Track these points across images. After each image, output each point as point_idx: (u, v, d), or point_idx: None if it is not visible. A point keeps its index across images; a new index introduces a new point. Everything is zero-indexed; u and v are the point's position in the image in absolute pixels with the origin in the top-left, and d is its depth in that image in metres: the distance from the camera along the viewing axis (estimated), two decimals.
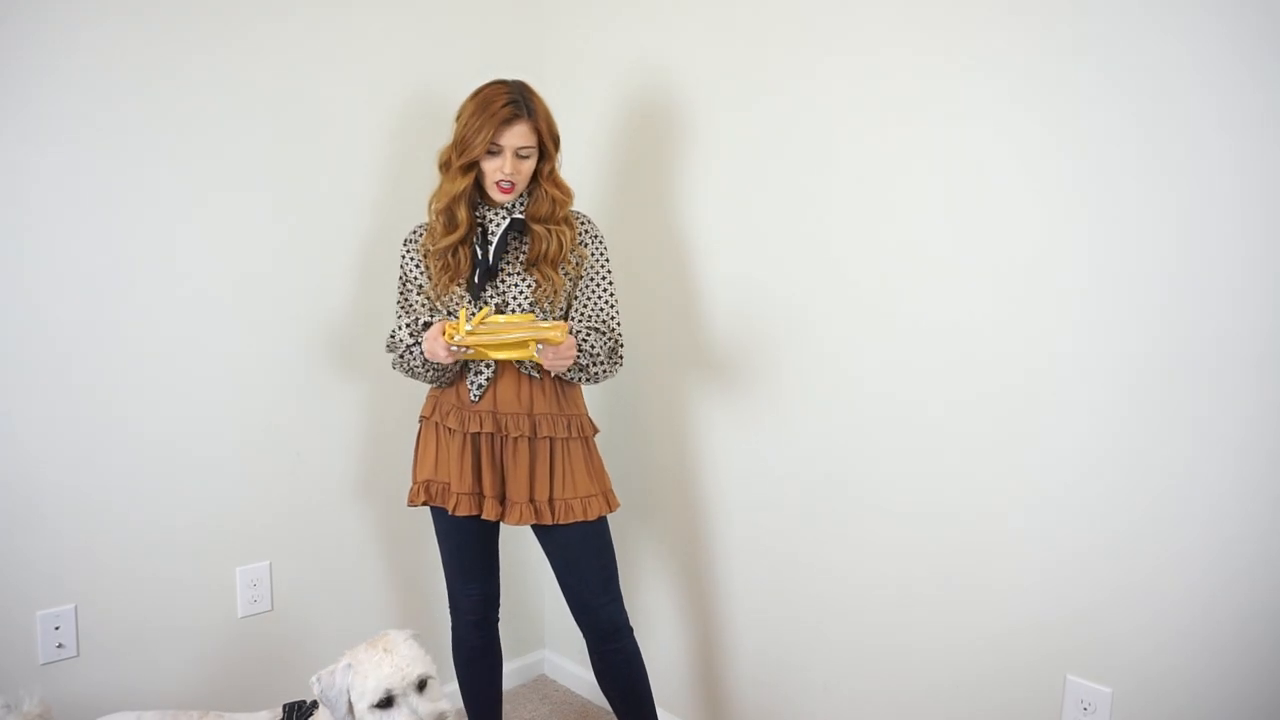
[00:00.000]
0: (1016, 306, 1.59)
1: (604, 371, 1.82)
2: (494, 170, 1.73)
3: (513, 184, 1.74)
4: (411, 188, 2.12)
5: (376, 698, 1.43)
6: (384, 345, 1.91)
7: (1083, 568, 1.56)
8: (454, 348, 1.62)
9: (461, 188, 1.74)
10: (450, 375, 1.83)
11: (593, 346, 1.78)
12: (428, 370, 1.81)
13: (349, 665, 1.46)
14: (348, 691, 1.45)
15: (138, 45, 1.83)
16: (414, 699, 1.45)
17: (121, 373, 1.88)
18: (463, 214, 1.76)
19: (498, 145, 1.71)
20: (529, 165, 1.76)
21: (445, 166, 1.78)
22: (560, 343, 1.63)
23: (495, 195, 1.76)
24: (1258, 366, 1.35)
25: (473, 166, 1.74)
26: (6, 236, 1.74)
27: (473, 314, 1.72)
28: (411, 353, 1.80)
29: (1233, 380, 1.38)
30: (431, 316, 1.83)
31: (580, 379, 1.82)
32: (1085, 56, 1.47)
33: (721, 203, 2.06)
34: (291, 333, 2.10)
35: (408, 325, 1.82)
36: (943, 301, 1.69)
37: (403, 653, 1.47)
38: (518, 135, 1.72)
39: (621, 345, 1.86)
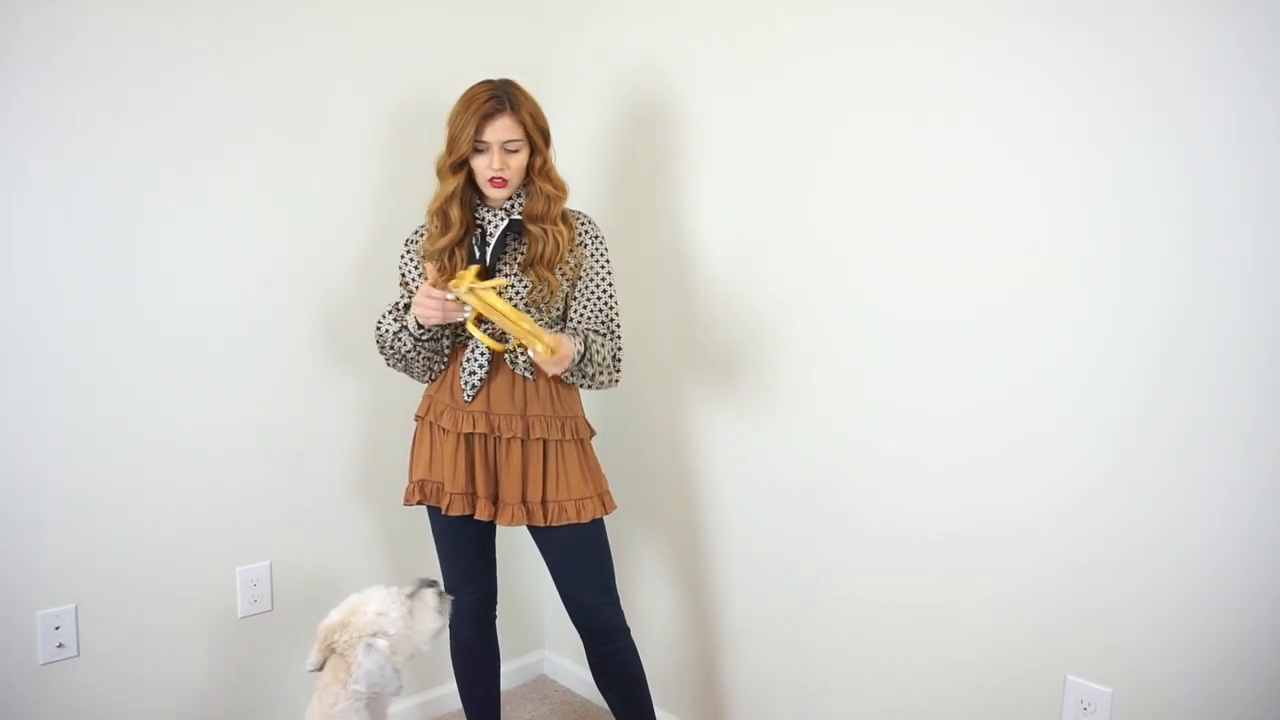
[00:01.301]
0: (1021, 310, 1.59)
1: (607, 379, 1.82)
2: (484, 167, 1.73)
3: (505, 180, 1.75)
4: (411, 187, 2.12)
5: (408, 590, 1.64)
6: (374, 340, 1.90)
7: (1083, 568, 1.55)
8: (450, 296, 1.65)
9: (453, 188, 1.75)
10: (440, 363, 1.82)
11: (598, 350, 1.78)
12: (418, 353, 1.79)
13: (369, 645, 1.53)
14: (388, 664, 1.53)
15: (136, 44, 1.83)
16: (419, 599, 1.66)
17: (121, 373, 1.88)
18: (456, 214, 1.76)
19: (483, 141, 1.72)
20: (519, 160, 1.76)
21: (440, 172, 1.79)
22: (544, 360, 1.65)
23: (489, 192, 1.76)
24: (1261, 370, 1.34)
25: (463, 165, 1.74)
26: (7, 237, 1.74)
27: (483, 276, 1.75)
28: (399, 338, 1.79)
29: (1234, 383, 1.37)
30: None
31: (580, 383, 1.81)
32: (1092, 51, 1.46)
33: (721, 203, 2.06)
34: (291, 332, 2.10)
35: (391, 313, 1.83)
36: (946, 303, 1.69)
37: (374, 592, 1.62)
38: (502, 129, 1.72)
39: (621, 350, 1.86)
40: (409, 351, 1.80)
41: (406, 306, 1.81)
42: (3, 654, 1.79)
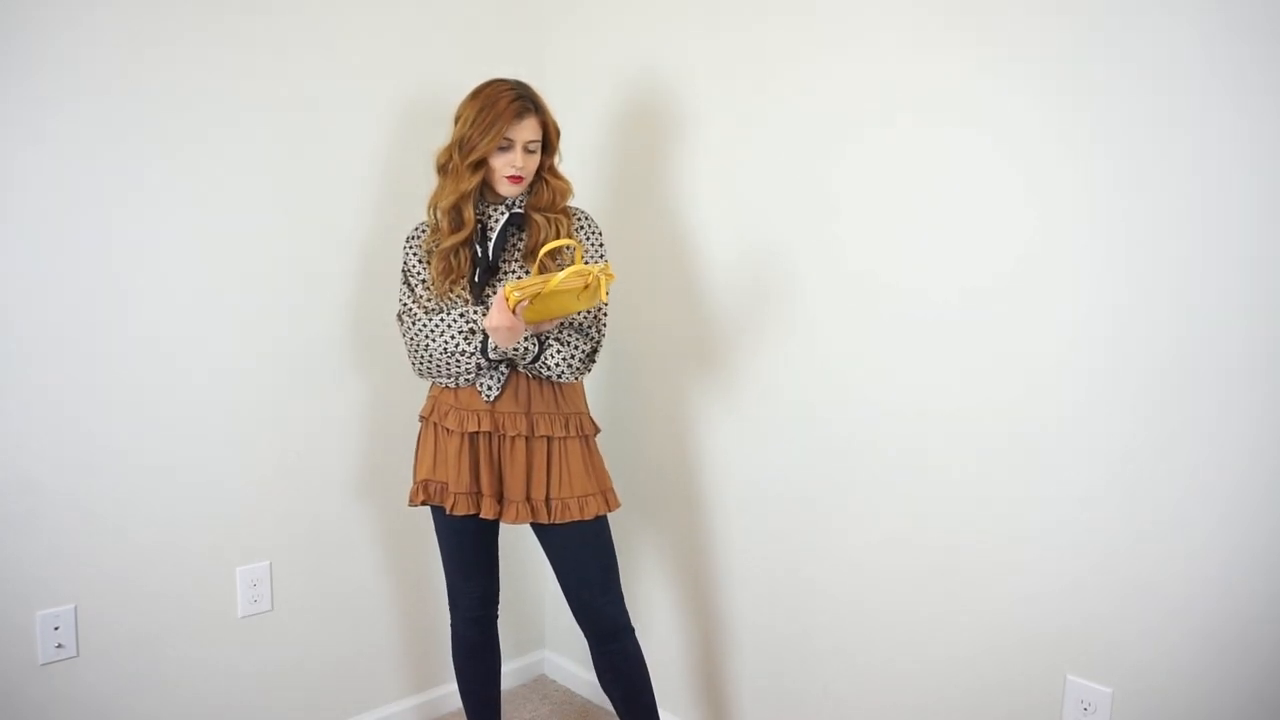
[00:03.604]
0: (1019, 308, 1.59)
1: (572, 373, 1.79)
2: (505, 165, 1.74)
3: (522, 177, 1.76)
4: (410, 188, 2.12)
5: None
6: (415, 342, 1.80)
7: (1083, 568, 1.56)
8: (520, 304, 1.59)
9: (471, 186, 1.74)
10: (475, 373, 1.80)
11: (555, 355, 1.76)
12: (476, 370, 1.76)
13: None
14: None
15: (136, 43, 1.83)
16: None
17: (121, 373, 1.88)
18: (470, 213, 1.76)
19: (509, 140, 1.73)
20: (536, 160, 1.78)
21: (444, 169, 1.78)
22: (597, 294, 1.60)
23: (504, 189, 1.76)
24: (1257, 369, 1.35)
25: (482, 164, 1.74)
26: (6, 237, 1.74)
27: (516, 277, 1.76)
28: (464, 358, 1.74)
29: (1234, 382, 1.37)
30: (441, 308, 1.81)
31: (550, 373, 1.77)
32: (1093, 52, 1.46)
33: (722, 202, 2.06)
34: (291, 332, 2.10)
35: (461, 331, 1.74)
36: (946, 303, 1.69)
37: None
38: (528, 129, 1.74)
39: (599, 346, 1.84)
40: (466, 371, 1.77)
41: (473, 330, 1.74)
42: (3, 654, 1.79)
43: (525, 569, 2.54)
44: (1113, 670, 1.54)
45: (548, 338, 1.77)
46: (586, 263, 1.80)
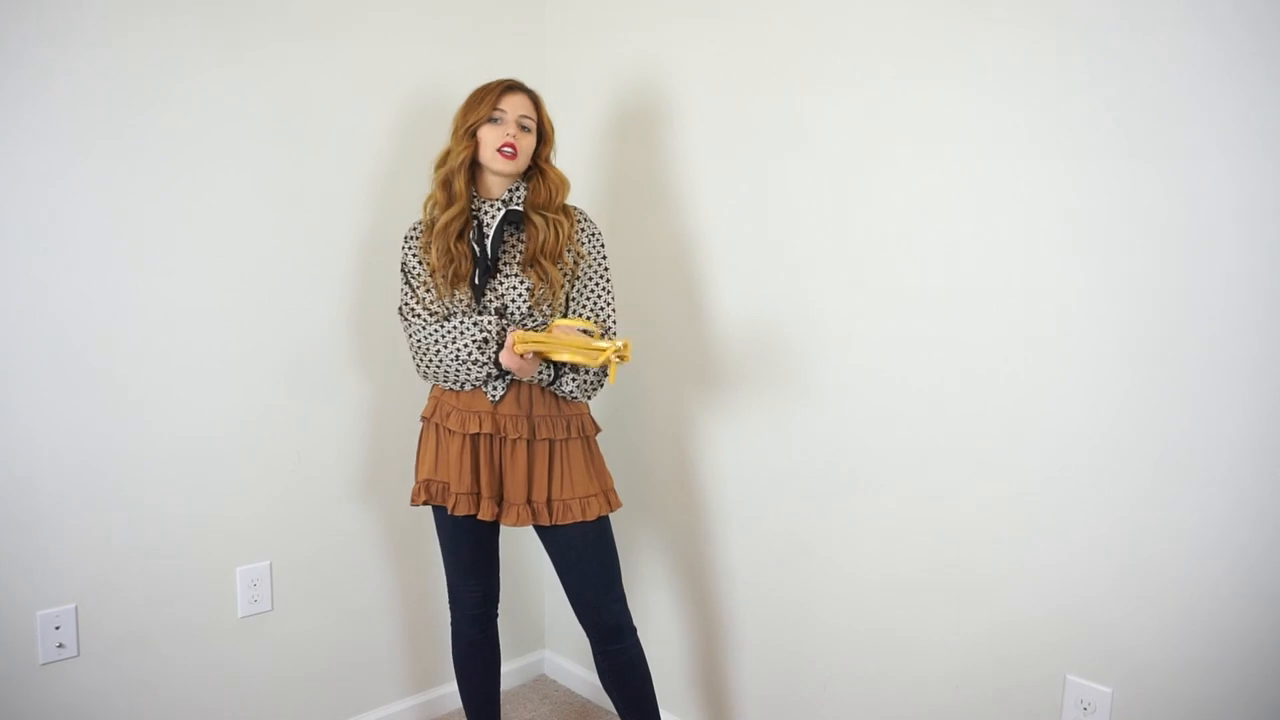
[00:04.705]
0: (1016, 306, 1.59)
1: (590, 391, 1.81)
2: (497, 136, 1.75)
3: (515, 150, 1.75)
4: (409, 190, 2.12)
5: None
6: (422, 346, 1.81)
7: (1083, 567, 1.56)
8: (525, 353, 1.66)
9: (462, 156, 1.76)
10: (479, 379, 1.81)
11: (574, 376, 1.78)
12: (487, 378, 1.78)
13: None
14: None
15: (139, 45, 1.83)
16: None
17: (121, 373, 1.88)
18: (460, 186, 1.77)
19: (500, 110, 1.75)
20: (529, 139, 1.79)
21: (442, 174, 1.80)
22: (595, 363, 1.64)
23: (497, 164, 1.76)
24: (1258, 363, 1.35)
25: (473, 136, 1.76)
26: (7, 237, 1.74)
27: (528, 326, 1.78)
28: (476, 366, 1.75)
29: (1235, 380, 1.38)
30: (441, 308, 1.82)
31: (564, 394, 1.80)
32: (1080, 62, 1.47)
33: (721, 203, 2.06)
34: (291, 332, 2.10)
35: (479, 345, 1.75)
36: (941, 300, 1.69)
37: None
38: (519, 104, 1.77)
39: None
40: (476, 379, 1.78)
41: (486, 340, 1.75)
42: (3, 654, 1.79)
43: (525, 569, 2.54)
44: (1113, 670, 1.54)
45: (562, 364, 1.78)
46: (601, 335, 1.80)
